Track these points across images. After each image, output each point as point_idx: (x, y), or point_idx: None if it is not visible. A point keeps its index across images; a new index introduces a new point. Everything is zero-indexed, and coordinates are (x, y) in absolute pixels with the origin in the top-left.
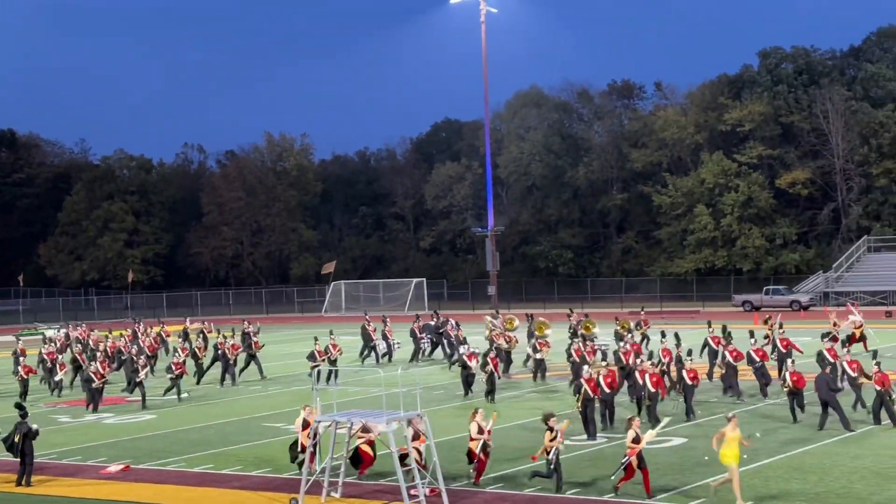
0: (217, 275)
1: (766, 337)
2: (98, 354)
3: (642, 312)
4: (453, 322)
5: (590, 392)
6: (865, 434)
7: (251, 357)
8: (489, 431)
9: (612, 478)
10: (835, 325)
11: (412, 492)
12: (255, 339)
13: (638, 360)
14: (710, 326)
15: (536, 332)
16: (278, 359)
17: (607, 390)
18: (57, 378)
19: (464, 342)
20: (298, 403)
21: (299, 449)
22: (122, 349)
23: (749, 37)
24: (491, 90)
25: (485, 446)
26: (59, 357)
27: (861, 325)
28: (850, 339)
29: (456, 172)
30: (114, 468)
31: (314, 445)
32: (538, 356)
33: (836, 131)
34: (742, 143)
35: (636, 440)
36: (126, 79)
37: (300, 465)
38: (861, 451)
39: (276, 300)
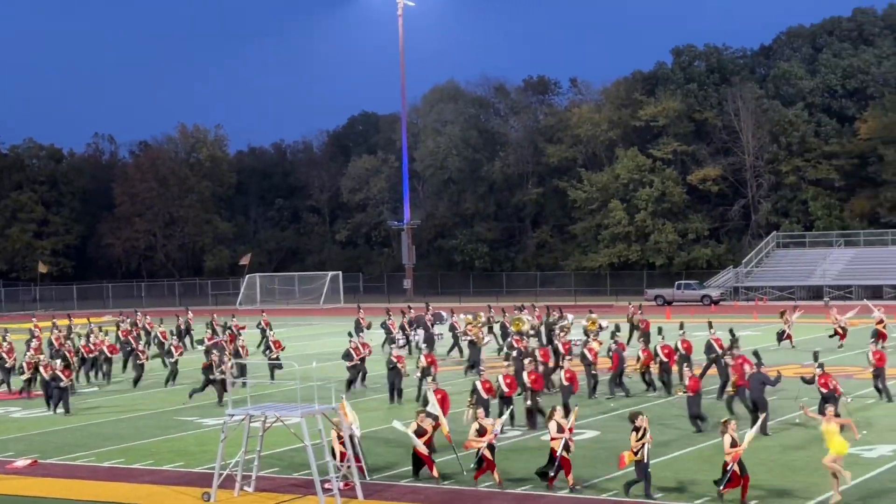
0: (129, 267)
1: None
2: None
3: (640, 311)
4: (441, 313)
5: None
6: (780, 430)
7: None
8: (570, 429)
9: (719, 487)
10: (836, 323)
11: (326, 485)
12: (272, 337)
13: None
14: (711, 328)
15: (512, 329)
16: (195, 352)
17: (505, 389)
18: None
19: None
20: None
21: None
22: (131, 340)
23: (663, 34)
24: (408, 84)
25: (566, 445)
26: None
27: (882, 321)
28: (878, 336)
29: (372, 165)
30: (21, 463)
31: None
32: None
33: (746, 129)
34: (656, 139)
35: (734, 444)
36: (36, 67)
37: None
38: (770, 444)
39: (189, 292)
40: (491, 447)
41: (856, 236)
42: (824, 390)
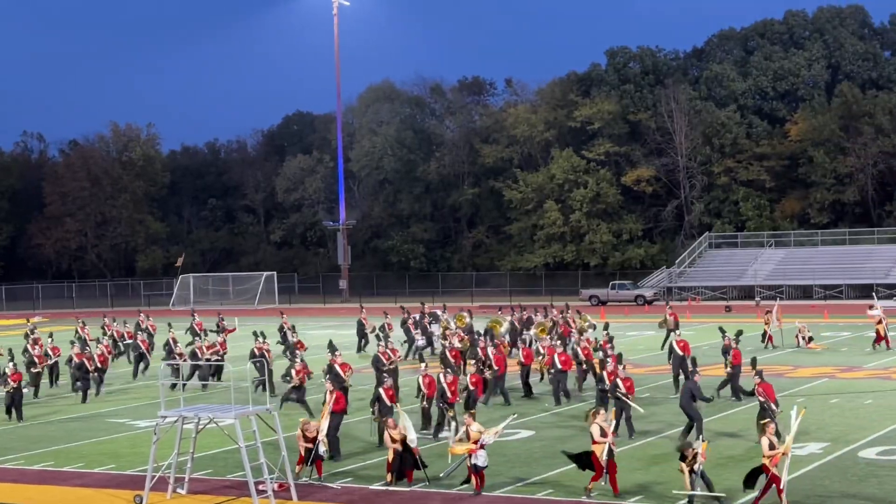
0: (60, 267)
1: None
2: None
3: (669, 308)
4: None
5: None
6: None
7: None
8: (614, 433)
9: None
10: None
11: (260, 487)
12: (295, 337)
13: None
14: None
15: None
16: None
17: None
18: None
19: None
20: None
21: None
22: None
23: (597, 36)
24: (343, 84)
25: (610, 451)
26: None
27: (881, 321)
28: (877, 338)
29: (307, 165)
30: None
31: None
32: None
33: (680, 130)
34: (591, 140)
35: (772, 447)
36: None
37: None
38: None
39: (121, 293)
40: (610, 451)
41: (786, 237)
42: (761, 399)
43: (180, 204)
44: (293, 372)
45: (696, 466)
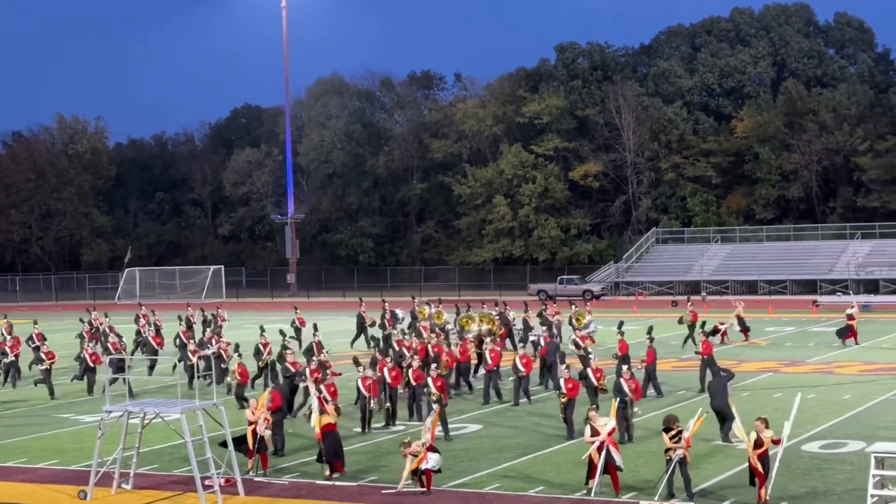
0: (3, 260)
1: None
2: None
3: (690, 304)
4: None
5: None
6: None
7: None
8: (611, 433)
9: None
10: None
11: (206, 482)
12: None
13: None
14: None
15: (463, 327)
16: (73, 347)
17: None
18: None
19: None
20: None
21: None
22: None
23: (546, 31)
24: (292, 77)
25: (608, 450)
26: None
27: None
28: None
29: (255, 159)
30: None
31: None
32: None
33: (627, 126)
34: (539, 135)
35: (759, 443)
36: None
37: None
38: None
39: (66, 287)
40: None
41: (732, 233)
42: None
43: (126, 197)
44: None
45: (677, 453)
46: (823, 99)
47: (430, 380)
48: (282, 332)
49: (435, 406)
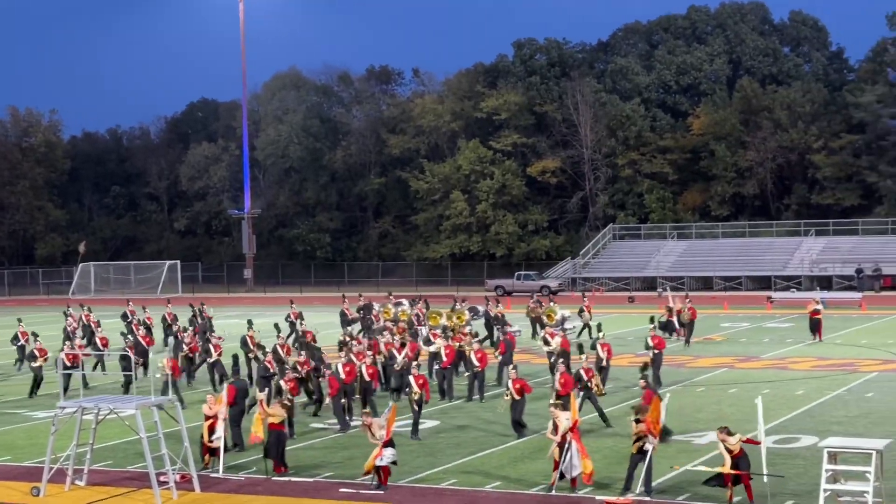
0: None
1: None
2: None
3: (586, 299)
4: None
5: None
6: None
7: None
8: (572, 428)
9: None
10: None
11: (161, 478)
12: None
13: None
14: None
15: (430, 323)
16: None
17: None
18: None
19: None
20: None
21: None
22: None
23: (504, 27)
24: (249, 71)
25: (568, 446)
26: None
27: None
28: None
29: (212, 153)
30: None
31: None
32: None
33: (585, 122)
34: (497, 131)
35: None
36: None
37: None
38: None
39: (19, 282)
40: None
41: (688, 229)
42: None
43: (81, 191)
44: (297, 365)
45: (646, 445)
46: (778, 97)
47: (411, 378)
48: (276, 327)
49: (390, 403)
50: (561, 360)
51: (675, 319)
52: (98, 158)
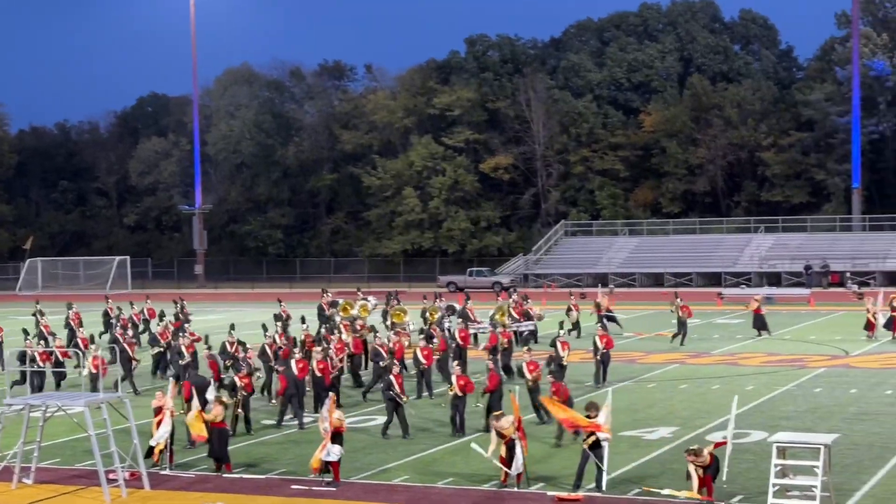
0: None
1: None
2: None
3: (572, 297)
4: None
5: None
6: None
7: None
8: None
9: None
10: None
11: (111, 475)
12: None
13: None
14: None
15: (394, 321)
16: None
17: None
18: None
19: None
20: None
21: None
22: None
23: (457, 23)
24: (200, 66)
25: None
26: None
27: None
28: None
29: (163, 148)
30: None
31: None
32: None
33: (537, 119)
34: (450, 127)
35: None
36: None
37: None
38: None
39: None
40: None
41: (639, 225)
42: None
43: (28, 185)
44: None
45: (601, 437)
46: (729, 94)
47: (392, 378)
48: (264, 326)
49: (331, 393)
50: (490, 357)
51: (604, 314)
52: (46, 153)
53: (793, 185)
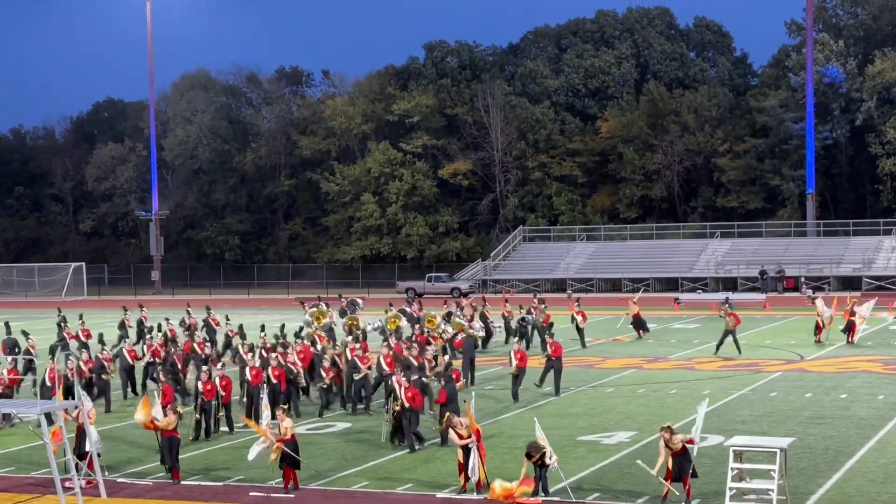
0: None
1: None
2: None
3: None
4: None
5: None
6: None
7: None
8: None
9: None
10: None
11: (67, 484)
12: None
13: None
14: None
15: (427, 325)
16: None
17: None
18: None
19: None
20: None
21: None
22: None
23: (415, 29)
24: (157, 71)
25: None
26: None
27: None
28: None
29: (119, 154)
30: None
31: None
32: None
33: (496, 125)
34: (408, 133)
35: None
36: None
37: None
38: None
39: None
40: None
41: (597, 231)
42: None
43: None
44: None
45: (548, 460)
46: (685, 100)
47: (396, 385)
48: (262, 327)
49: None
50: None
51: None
52: (0, 158)
53: (748, 190)
